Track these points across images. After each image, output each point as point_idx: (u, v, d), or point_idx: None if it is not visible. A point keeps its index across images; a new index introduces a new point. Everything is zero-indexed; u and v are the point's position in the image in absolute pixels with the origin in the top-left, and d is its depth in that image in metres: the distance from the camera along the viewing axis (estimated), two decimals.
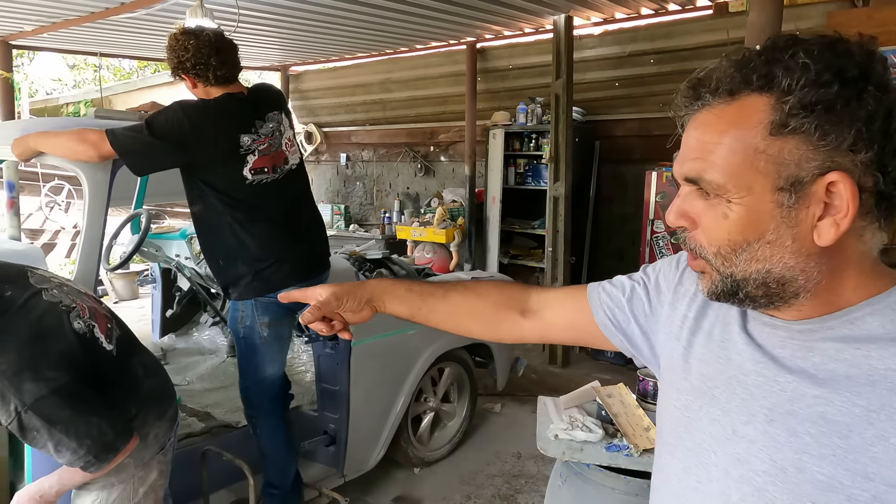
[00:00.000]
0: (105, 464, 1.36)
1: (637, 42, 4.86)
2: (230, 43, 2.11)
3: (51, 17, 4.62)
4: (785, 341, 0.66)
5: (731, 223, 0.61)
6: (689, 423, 0.72)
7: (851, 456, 0.57)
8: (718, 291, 0.65)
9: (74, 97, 12.07)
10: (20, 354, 1.29)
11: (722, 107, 0.61)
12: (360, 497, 2.87)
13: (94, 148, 1.89)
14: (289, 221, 2.19)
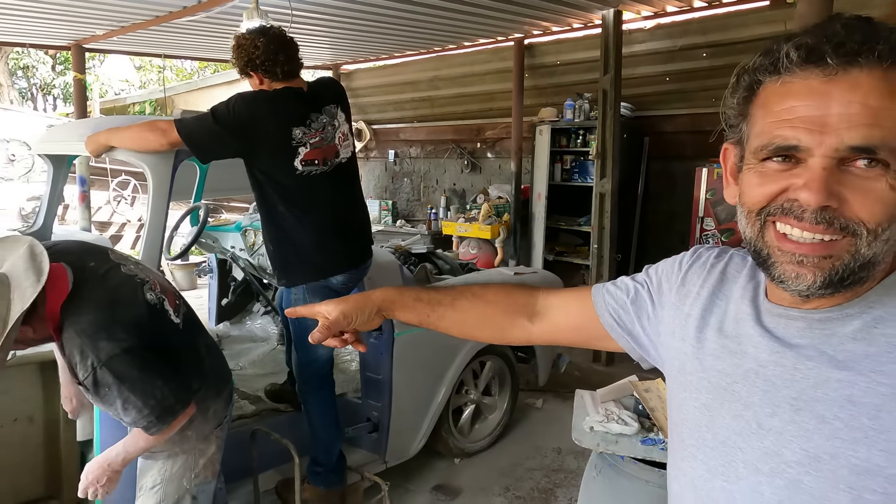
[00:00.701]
0: (164, 427, 1.47)
1: (689, 35, 4.75)
2: (292, 40, 2.22)
3: (120, 21, 4.91)
4: (803, 331, 0.65)
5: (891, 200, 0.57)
6: (710, 422, 0.70)
7: (884, 436, 0.57)
8: (837, 278, 0.59)
9: (140, 97, 12.71)
10: (97, 316, 1.43)
11: (881, 72, 0.56)
12: (401, 484, 2.95)
13: (164, 135, 2.01)
14: (336, 212, 2.29)
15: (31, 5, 4.44)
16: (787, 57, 0.58)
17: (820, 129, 0.57)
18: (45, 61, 16.24)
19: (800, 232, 0.59)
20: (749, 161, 0.64)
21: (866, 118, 0.56)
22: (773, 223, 0.62)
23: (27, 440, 2.05)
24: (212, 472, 1.76)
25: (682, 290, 0.81)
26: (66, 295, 1.42)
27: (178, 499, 1.66)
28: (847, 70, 0.56)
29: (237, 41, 2.18)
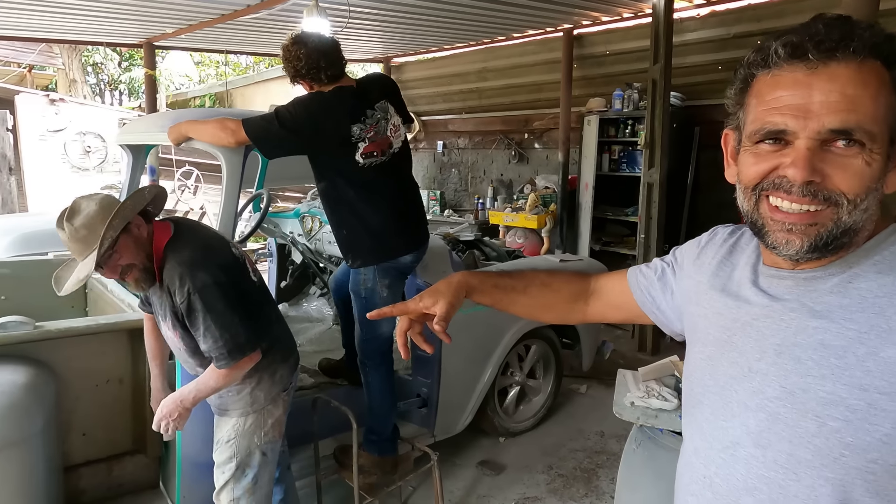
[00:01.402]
0: (233, 362, 1.65)
1: (742, 23, 4.68)
2: (333, 43, 2.35)
3: (188, 19, 5.21)
4: (791, 288, 0.75)
5: (872, 171, 0.66)
6: (713, 370, 0.81)
7: (847, 372, 0.67)
8: (822, 242, 0.68)
9: (200, 91, 13.29)
10: (196, 253, 1.69)
11: (856, 64, 0.64)
12: (448, 458, 3.10)
13: (233, 135, 2.20)
14: (399, 197, 2.44)
15: (107, 7, 4.78)
16: (776, 53, 0.67)
17: (804, 115, 0.66)
18: (112, 58, 17.12)
19: (789, 203, 0.68)
20: (745, 144, 0.73)
21: (844, 105, 0.64)
22: (766, 197, 0.71)
23: (118, 400, 2.29)
24: (279, 432, 1.94)
25: (698, 262, 0.92)
26: (169, 237, 1.70)
27: (250, 453, 1.85)
28: (827, 64, 0.65)
29: (283, 53, 2.33)
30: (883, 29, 0.67)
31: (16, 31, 6.14)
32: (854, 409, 0.66)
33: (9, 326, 2.00)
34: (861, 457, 0.65)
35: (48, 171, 8.61)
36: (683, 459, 0.87)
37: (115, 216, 1.59)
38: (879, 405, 0.64)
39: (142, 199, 1.69)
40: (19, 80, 10.73)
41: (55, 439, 2.12)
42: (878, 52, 0.65)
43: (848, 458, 0.66)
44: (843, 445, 0.66)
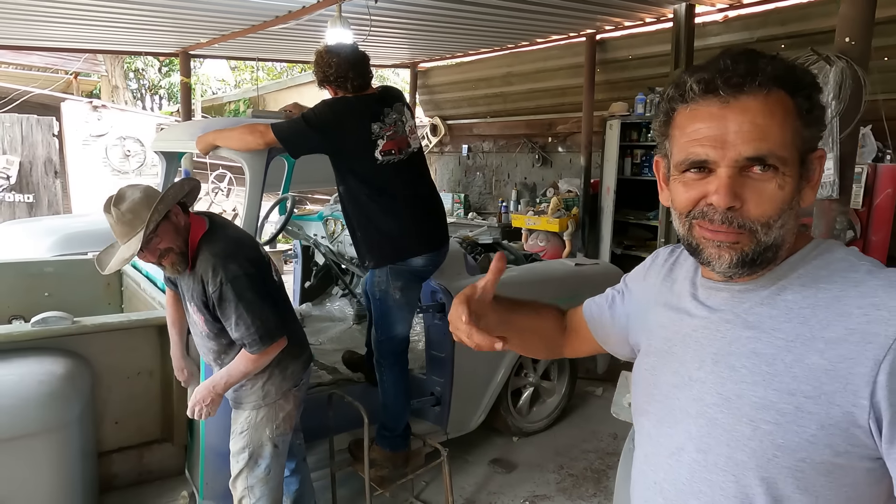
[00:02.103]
0: (264, 347, 1.78)
1: (767, 27, 4.65)
2: (363, 57, 2.50)
3: (221, 30, 5.44)
4: (726, 300, 0.81)
5: (785, 194, 0.72)
6: (656, 380, 0.87)
7: (777, 378, 0.73)
8: (747, 259, 0.74)
9: (235, 96, 13.68)
10: (228, 246, 1.84)
11: (763, 96, 0.71)
12: (461, 455, 3.19)
13: (262, 137, 2.36)
14: (416, 198, 2.55)
15: (146, 19, 5.03)
16: (692, 89, 0.74)
17: (722, 145, 0.72)
18: (152, 64, 17.73)
19: (714, 232, 0.76)
20: (674, 173, 0.79)
21: (756, 134, 0.71)
22: (697, 224, 0.77)
23: (147, 391, 2.45)
24: (290, 426, 2.06)
25: (644, 284, 0.99)
26: (204, 231, 1.86)
27: (262, 444, 1.98)
28: (737, 97, 0.71)
29: (316, 57, 2.49)
30: (785, 60, 0.73)
31: (62, 43, 6.48)
32: (784, 413, 0.71)
33: (49, 321, 2.18)
34: (791, 456, 0.71)
35: (90, 174, 9.02)
36: (636, 467, 0.93)
37: (161, 202, 1.75)
38: (806, 408, 0.70)
39: (181, 189, 1.86)
40: (66, 86, 11.25)
41: (90, 426, 2.28)
42: (782, 83, 0.72)
43: (780, 458, 0.72)
44: (775, 447, 0.72)
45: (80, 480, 2.18)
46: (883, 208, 3.99)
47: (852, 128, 2.21)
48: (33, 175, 8.15)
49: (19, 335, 2.15)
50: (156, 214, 1.74)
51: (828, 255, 0.78)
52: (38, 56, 9.29)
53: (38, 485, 1.99)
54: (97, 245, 4.07)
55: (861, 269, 0.75)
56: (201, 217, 1.93)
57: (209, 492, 2.29)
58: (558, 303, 3.68)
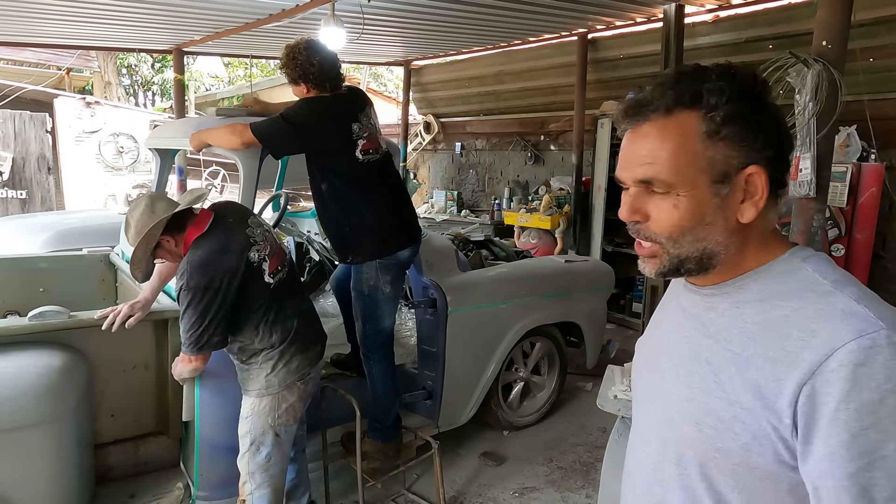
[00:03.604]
0: (189, 353, 1.94)
1: (755, 27, 4.71)
2: (337, 57, 2.52)
3: (215, 27, 5.45)
4: (698, 304, 0.86)
5: (681, 212, 0.77)
6: (643, 378, 0.95)
7: (721, 388, 0.77)
8: (665, 270, 0.81)
9: (229, 92, 13.67)
10: (206, 255, 1.92)
11: (663, 121, 0.77)
12: (452, 448, 3.25)
13: (241, 136, 2.36)
14: (395, 195, 2.60)
15: (139, 16, 5.04)
16: (621, 115, 0.82)
17: (626, 167, 0.81)
18: (146, 60, 17.67)
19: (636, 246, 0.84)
20: None
21: (647, 159, 0.78)
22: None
23: (143, 384, 2.49)
24: (293, 417, 2.11)
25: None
26: (200, 233, 1.95)
27: (264, 431, 2.03)
28: (641, 124, 0.79)
29: (291, 53, 2.44)
30: (706, 78, 0.76)
31: (55, 39, 6.48)
32: (723, 420, 0.76)
33: (46, 315, 2.21)
34: (728, 460, 0.76)
35: (84, 170, 9.02)
36: (626, 455, 1.01)
37: (144, 238, 1.93)
38: (741, 419, 0.74)
39: (161, 223, 1.94)
40: (58, 82, 11.21)
41: (87, 419, 2.32)
42: (690, 105, 0.76)
43: (718, 459, 0.77)
44: (714, 449, 0.77)
45: (77, 471, 2.22)
46: (867, 207, 4.07)
47: (829, 128, 2.28)
48: (26, 171, 8.14)
49: (17, 329, 2.18)
50: (143, 260, 2.00)
51: (796, 271, 0.79)
52: (31, 52, 9.26)
53: (36, 475, 2.03)
54: (91, 241, 4.11)
55: (820, 288, 0.75)
56: (207, 214, 2.02)
57: (204, 483, 2.34)
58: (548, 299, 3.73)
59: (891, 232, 4.44)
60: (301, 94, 2.50)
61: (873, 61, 4.17)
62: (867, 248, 4.15)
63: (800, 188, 2.26)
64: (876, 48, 4.14)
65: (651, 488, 0.88)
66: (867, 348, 0.67)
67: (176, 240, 1.98)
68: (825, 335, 0.70)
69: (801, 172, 2.24)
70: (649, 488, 0.88)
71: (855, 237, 4.14)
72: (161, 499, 2.47)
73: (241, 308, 1.98)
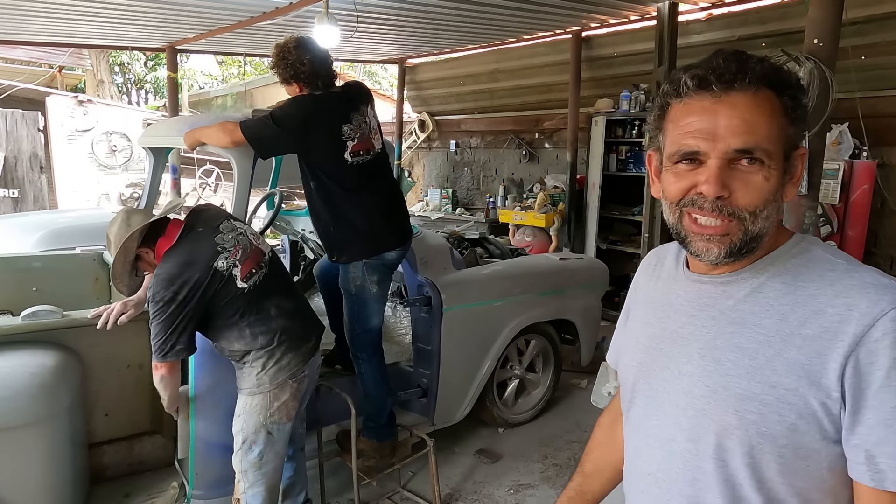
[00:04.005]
0: (157, 360, 1.95)
1: (748, 25, 4.74)
2: (329, 54, 2.50)
3: (208, 25, 5.43)
4: (710, 293, 0.85)
5: (771, 185, 0.77)
6: (646, 376, 0.92)
7: (759, 371, 0.77)
8: (736, 248, 0.79)
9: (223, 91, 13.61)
10: (173, 267, 1.94)
11: (753, 94, 0.76)
12: (448, 446, 3.25)
13: (230, 135, 2.34)
14: (385, 195, 2.59)
15: (132, 14, 5.02)
16: (686, 84, 0.79)
17: (713, 137, 0.77)
18: (138, 58, 17.57)
19: (705, 218, 0.80)
20: (666, 164, 0.83)
21: (744, 128, 0.76)
22: (687, 212, 0.81)
23: (138, 384, 2.49)
24: (286, 415, 2.10)
25: (635, 286, 1.05)
26: (170, 245, 1.98)
27: (256, 430, 2.03)
28: (728, 93, 0.77)
29: (280, 53, 2.42)
30: (773, 63, 0.79)
31: (47, 37, 6.44)
32: (766, 404, 0.76)
33: (39, 315, 2.20)
34: (773, 443, 0.76)
35: (77, 169, 8.97)
36: (627, 461, 0.98)
37: (120, 251, 1.97)
38: (786, 399, 0.75)
39: (134, 235, 1.97)
40: (50, 80, 11.14)
41: (81, 418, 2.32)
42: (769, 83, 0.77)
43: (763, 445, 0.77)
44: (759, 435, 0.77)
45: (71, 471, 2.21)
46: (859, 204, 4.10)
47: (820, 126, 2.29)
48: (18, 170, 8.09)
49: (10, 329, 2.18)
50: (124, 273, 2.05)
51: (808, 252, 0.82)
52: (23, 50, 9.20)
53: (29, 475, 2.03)
54: (84, 241, 4.09)
55: (838, 267, 0.79)
56: (178, 225, 2.05)
57: (199, 482, 2.34)
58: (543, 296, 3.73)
59: (882, 229, 4.47)
60: (293, 94, 2.48)
61: (865, 59, 4.20)
62: (859, 244, 4.18)
63: None
64: (868, 46, 4.17)
65: (681, 489, 0.85)
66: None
67: (154, 251, 2.02)
68: (863, 307, 0.72)
69: None
70: (679, 489, 0.85)
71: (847, 234, 4.16)
72: (156, 498, 2.47)
73: (216, 315, 1.99)
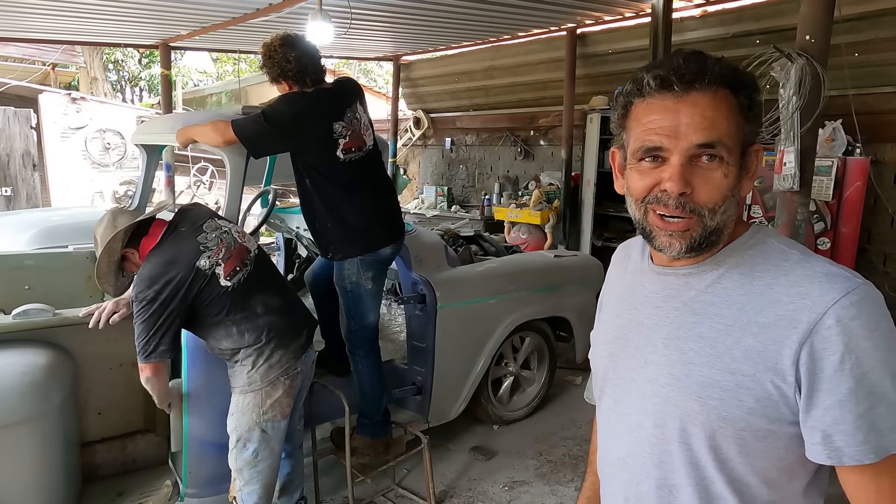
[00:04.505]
0: (141, 361, 1.94)
1: (742, 22, 4.74)
2: (317, 50, 2.48)
3: (202, 22, 5.41)
4: (673, 285, 0.89)
5: (729, 182, 0.80)
6: (615, 365, 0.96)
7: (719, 359, 0.81)
8: (696, 243, 0.82)
9: (217, 88, 13.55)
10: (155, 268, 1.93)
11: (713, 93, 0.79)
12: (442, 443, 3.25)
13: (222, 134, 2.32)
14: (377, 192, 2.58)
15: (125, 10, 4.99)
16: (648, 84, 0.82)
17: (675, 135, 0.80)
18: (132, 55, 17.49)
19: (669, 215, 0.82)
20: (630, 161, 0.86)
21: (705, 124, 0.79)
22: (651, 209, 0.84)
23: (130, 382, 2.47)
24: (280, 412, 2.09)
25: (607, 282, 1.09)
26: (153, 245, 1.99)
27: (250, 428, 2.02)
28: (689, 92, 0.79)
29: (267, 52, 2.40)
30: (729, 63, 0.81)
31: (40, 34, 6.40)
32: (726, 390, 0.80)
33: (31, 313, 2.19)
34: (734, 426, 0.80)
35: (70, 167, 8.92)
36: (600, 448, 1.02)
37: (105, 251, 1.99)
38: (744, 385, 0.79)
39: (118, 236, 1.98)
40: (43, 77, 11.07)
41: (73, 417, 2.31)
42: (727, 83, 0.80)
43: (724, 428, 0.81)
44: (720, 419, 0.80)
45: (63, 470, 2.20)
46: (852, 201, 4.11)
47: (812, 122, 2.29)
48: (11, 168, 8.04)
49: (1, 328, 2.16)
50: (110, 274, 2.06)
51: (763, 244, 0.85)
52: (15, 47, 9.14)
53: (21, 474, 2.02)
54: (77, 239, 4.07)
55: (791, 257, 0.82)
56: (161, 225, 2.05)
57: (192, 481, 2.33)
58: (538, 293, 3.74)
59: (875, 225, 4.49)
60: (284, 92, 2.46)
61: (858, 56, 4.21)
62: (853, 241, 4.19)
63: (784, 181, 2.28)
64: (861, 43, 4.18)
65: (650, 472, 0.89)
66: (856, 302, 0.75)
67: (139, 252, 2.02)
68: (815, 296, 0.76)
69: (786, 166, 2.26)
70: (648, 473, 0.89)
71: (840, 231, 4.18)
72: (149, 497, 2.46)
73: (201, 314, 1.98)
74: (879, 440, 0.74)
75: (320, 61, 2.48)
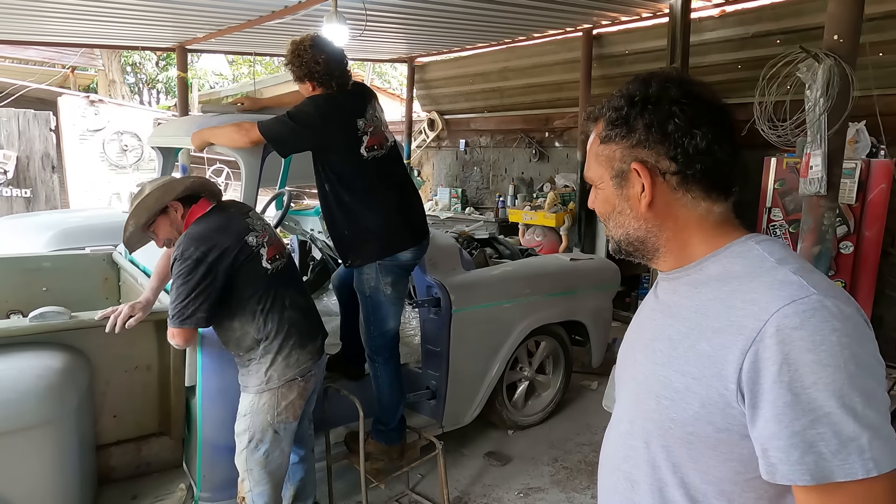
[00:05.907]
0: (174, 326, 1.92)
1: (761, 22, 4.66)
2: (344, 54, 2.49)
3: (218, 25, 5.43)
4: (666, 289, 0.92)
5: (599, 202, 0.92)
6: (620, 365, 1.01)
7: (676, 361, 0.83)
8: (616, 249, 0.93)
9: (233, 90, 13.66)
10: (204, 230, 1.97)
11: (592, 131, 0.93)
12: (457, 448, 3.22)
13: (247, 134, 2.35)
14: (399, 192, 2.56)
15: (143, 14, 5.03)
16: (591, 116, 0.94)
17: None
18: (150, 58, 17.68)
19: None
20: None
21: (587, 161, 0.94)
22: None
23: (146, 385, 2.47)
24: (293, 414, 2.09)
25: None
26: (201, 214, 2.05)
27: (263, 429, 2.02)
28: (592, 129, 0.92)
29: (296, 51, 2.41)
30: (616, 92, 0.88)
31: (59, 38, 6.48)
32: (677, 391, 0.82)
33: (47, 316, 2.19)
34: (682, 429, 0.81)
35: (88, 169, 9.03)
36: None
37: (157, 199, 2.01)
38: (692, 388, 0.80)
39: (173, 189, 2.02)
40: (63, 80, 11.22)
41: (88, 420, 2.31)
42: (594, 118, 0.92)
43: (673, 429, 0.82)
44: (670, 420, 0.82)
45: (79, 473, 2.20)
46: (876, 204, 4.02)
47: (840, 125, 2.23)
48: (30, 170, 8.15)
49: (17, 330, 2.17)
50: (145, 213, 2.04)
51: (749, 251, 0.84)
52: (35, 50, 9.27)
53: (37, 477, 2.02)
54: (95, 240, 4.10)
55: (766, 264, 0.81)
56: (207, 203, 2.10)
57: (206, 484, 2.33)
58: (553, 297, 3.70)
59: None
60: (307, 93, 2.48)
61: (883, 56, 4.12)
62: (876, 245, 4.10)
63: (810, 185, 2.22)
64: (886, 42, 4.09)
65: (619, 465, 0.93)
66: (801, 312, 0.72)
67: (182, 211, 2.05)
68: (763, 302, 0.75)
69: (812, 170, 2.19)
70: (618, 465, 0.93)
71: (864, 234, 4.09)
72: (163, 500, 2.46)
73: (236, 290, 1.98)
74: (819, 463, 0.69)
75: (347, 67, 2.49)
